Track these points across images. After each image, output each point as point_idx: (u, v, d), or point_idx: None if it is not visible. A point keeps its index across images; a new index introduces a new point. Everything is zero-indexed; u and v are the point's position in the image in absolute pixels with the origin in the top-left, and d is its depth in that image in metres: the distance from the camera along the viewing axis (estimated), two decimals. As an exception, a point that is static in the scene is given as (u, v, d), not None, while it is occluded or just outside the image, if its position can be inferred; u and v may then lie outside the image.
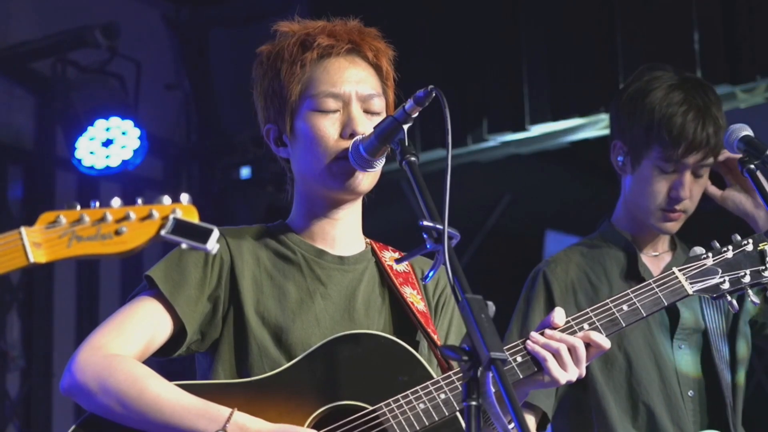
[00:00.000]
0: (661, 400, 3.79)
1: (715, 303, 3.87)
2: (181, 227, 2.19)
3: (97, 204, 2.20)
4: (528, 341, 2.93)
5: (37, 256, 2.16)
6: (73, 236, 2.16)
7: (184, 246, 2.19)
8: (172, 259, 2.97)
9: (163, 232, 2.18)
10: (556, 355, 2.90)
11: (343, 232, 3.09)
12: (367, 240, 3.16)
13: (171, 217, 2.19)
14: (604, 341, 2.97)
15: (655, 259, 3.94)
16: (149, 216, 2.18)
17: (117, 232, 2.18)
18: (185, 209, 2.21)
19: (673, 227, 3.86)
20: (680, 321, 3.84)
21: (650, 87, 3.81)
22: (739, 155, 3.45)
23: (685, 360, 3.85)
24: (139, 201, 2.22)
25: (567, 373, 2.91)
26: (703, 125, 3.73)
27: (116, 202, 2.20)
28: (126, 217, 2.18)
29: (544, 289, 3.85)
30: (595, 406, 3.79)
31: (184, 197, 2.23)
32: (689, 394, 3.82)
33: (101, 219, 2.18)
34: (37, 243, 2.15)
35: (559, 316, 2.98)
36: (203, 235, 2.19)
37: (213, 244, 2.19)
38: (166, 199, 2.22)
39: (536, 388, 2.99)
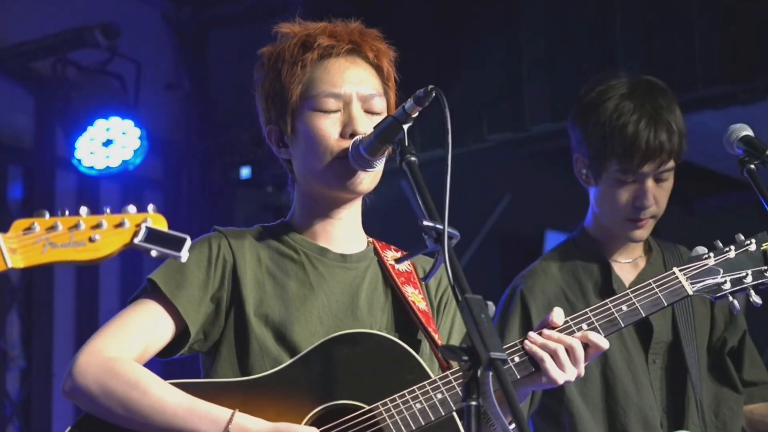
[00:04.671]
0: (638, 419, 3.77)
1: (689, 314, 3.85)
2: (154, 236, 2.25)
3: (66, 212, 2.25)
4: (526, 341, 2.93)
5: (15, 261, 2.22)
6: (48, 243, 2.23)
7: (154, 254, 2.26)
8: (174, 262, 2.97)
9: (136, 240, 2.25)
10: (554, 355, 2.90)
11: (344, 232, 3.09)
12: (369, 239, 3.16)
13: (144, 226, 2.26)
14: (602, 341, 2.96)
15: (629, 266, 3.92)
16: (121, 224, 2.23)
17: (90, 239, 2.24)
18: (154, 218, 2.28)
19: (641, 234, 3.84)
20: (654, 335, 3.82)
21: (602, 99, 3.79)
22: (740, 155, 3.44)
23: (660, 375, 3.83)
24: (108, 210, 2.29)
25: (565, 374, 2.90)
26: (655, 133, 3.71)
27: (84, 210, 2.25)
28: (99, 225, 2.25)
29: (520, 309, 3.83)
30: (571, 425, 3.77)
31: (151, 207, 2.30)
32: (664, 409, 3.81)
33: (74, 226, 2.25)
34: (13, 249, 2.22)
35: (557, 315, 2.98)
36: (177, 244, 2.27)
37: (185, 253, 2.24)
38: (132, 209, 2.29)
39: (535, 388, 2.99)
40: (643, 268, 3.90)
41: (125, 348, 2.89)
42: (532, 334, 2.94)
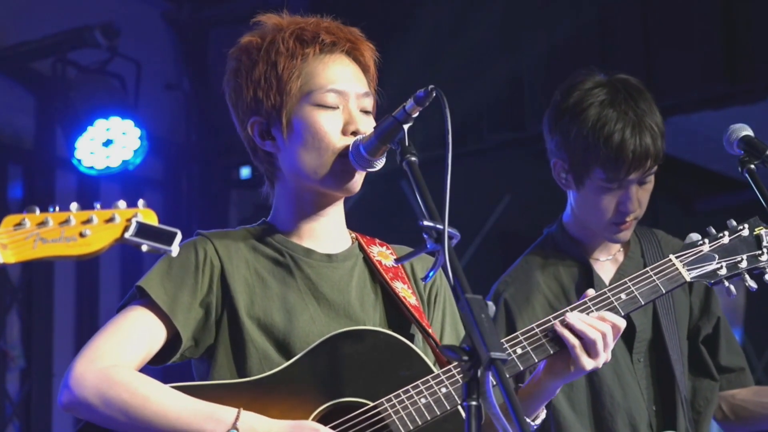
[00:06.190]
0: (626, 424, 3.75)
1: (670, 306, 3.84)
2: (145, 230, 2.25)
3: (57, 208, 2.25)
4: (558, 324, 2.93)
5: (6, 256, 2.21)
6: (38, 238, 2.22)
7: (144, 248, 2.25)
8: (162, 268, 2.95)
9: (127, 235, 2.24)
10: (591, 342, 2.91)
11: (330, 229, 3.08)
12: (353, 234, 3.14)
13: (134, 220, 2.25)
14: (620, 321, 2.98)
15: (609, 263, 3.91)
16: (112, 219, 2.24)
17: (81, 234, 2.23)
18: (145, 213, 2.27)
19: (625, 236, 3.83)
20: (637, 333, 3.80)
21: (581, 106, 3.75)
22: (740, 155, 3.43)
23: (647, 373, 3.82)
24: (97, 206, 2.28)
25: (595, 361, 2.92)
26: (640, 140, 3.69)
27: (74, 206, 2.25)
28: (89, 221, 2.24)
29: (505, 318, 3.82)
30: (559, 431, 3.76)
31: (141, 202, 2.30)
32: (653, 408, 3.81)
33: (65, 222, 2.24)
34: (4, 244, 2.21)
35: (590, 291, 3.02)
36: (168, 238, 2.26)
37: (176, 247, 2.24)
38: (122, 204, 2.28)
39: (563, 381, 2.97)
40: (621, 263, 3.90)
41: (120, 356, 2.86)
42: (570, 316, 2.93)
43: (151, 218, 2.26)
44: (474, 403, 2.43)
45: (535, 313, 3.79)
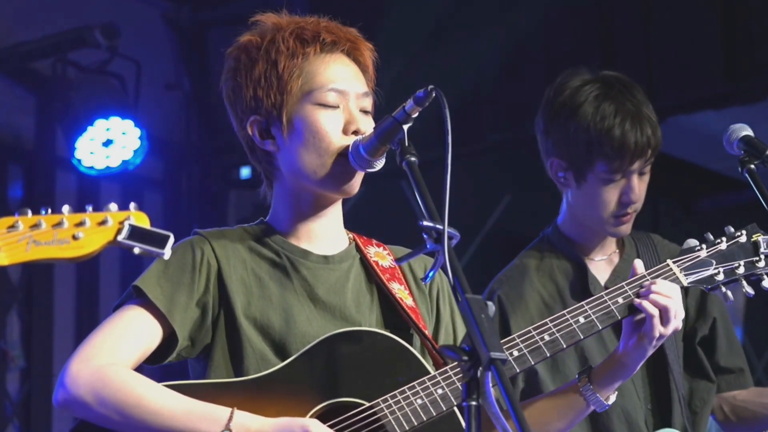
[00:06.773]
0: (622, 421, 3.76)
1: None
2: (137, 233, 2.25)
3: (49, 210, 2.26)
4: (645, 301, 3.03)
5: (0, 258, 2.20)
6: (31, 240, 2.23)
7: (137, 251, 2.25)
8: (159, 267, 2.95)
9: (119, 238, 2.25)
10: (664, 310, 3.00)
11: (327, 230, 3.07)
12: (350, 234, 3.14)
13: (127, 223, 2.26)
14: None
15: (604, 263, 3.93)
16: (104, 222, 2.25)
17: (74, 237, 2.24)
18: (137, 216, 2.28)
19: (626, 229, 3.86)
20: None
21: (577, 101, 3.79)
22: (740, 155, 3.44)
23: (642, 372, 3.83)
24: (89, 208, 2.29)
25: (666, 329, 3.02)
26: (641, 130, 3.74)
27: (66, 208, 2.26)
28: (82, 223, 2.25)
29: (499, 316, 3.83)
30: None
31: (132, 205, 2.31)
32: (648, 407, 3.81)
33: (58, 224, 2.25)
34: None
35: (640, 267, 3.10)
36: (160, 241, 2.27)
37: (168, 250, 2.25)
38: (114, 206, 2.29)
39: (639, 356, 3.05)
40: (617, 264, 3.92)
41: (116, 355, 2.87)
42: (656, 288, 3.02)
43: (143, 221, 2.27)
44: (474, 403, 2.43)
45: (528, 311, 3.80)
